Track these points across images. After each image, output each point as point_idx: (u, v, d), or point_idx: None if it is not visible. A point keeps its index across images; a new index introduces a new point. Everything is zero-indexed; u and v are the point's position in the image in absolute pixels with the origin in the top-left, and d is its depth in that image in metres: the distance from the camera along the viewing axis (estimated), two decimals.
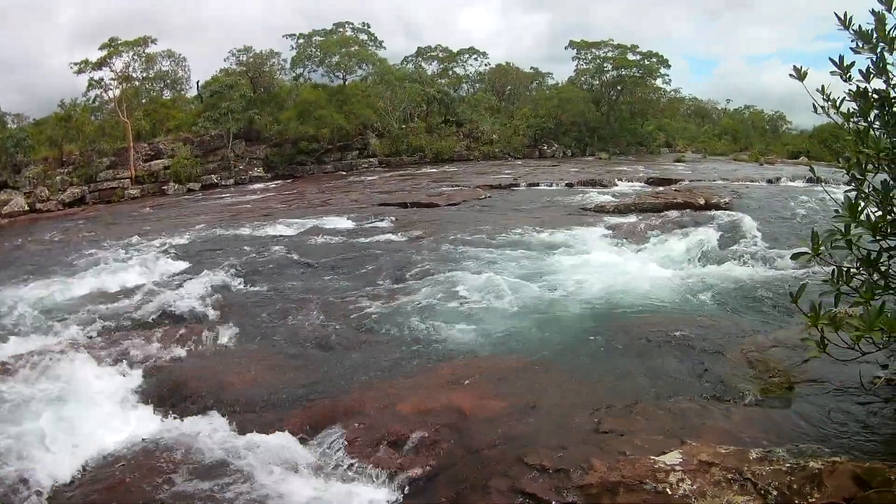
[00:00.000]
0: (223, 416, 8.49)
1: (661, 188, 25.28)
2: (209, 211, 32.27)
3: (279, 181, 46.83)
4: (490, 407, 7.53)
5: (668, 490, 5.14)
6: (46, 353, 11.53)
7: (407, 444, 7.00)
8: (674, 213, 18.52)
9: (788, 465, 5.18)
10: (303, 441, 7.51)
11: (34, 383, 10.37)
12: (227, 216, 28.84)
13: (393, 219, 22.38)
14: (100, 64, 50.23)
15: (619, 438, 6.12)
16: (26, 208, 44.94)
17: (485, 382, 8.22)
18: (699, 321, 9.70)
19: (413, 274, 14.04)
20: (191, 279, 15.95)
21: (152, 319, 13.12)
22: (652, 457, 5.55)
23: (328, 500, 6.37)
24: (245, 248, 19.52)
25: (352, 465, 6.84)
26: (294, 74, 59.10)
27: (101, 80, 51.27)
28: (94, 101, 54.02)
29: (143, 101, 57.50)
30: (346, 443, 7.19)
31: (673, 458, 5.50)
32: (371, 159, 50.66)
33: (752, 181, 27.18)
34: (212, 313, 13.11)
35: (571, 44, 62.28)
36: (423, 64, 69.17)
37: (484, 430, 7.05)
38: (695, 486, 5.10)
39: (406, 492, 6.38)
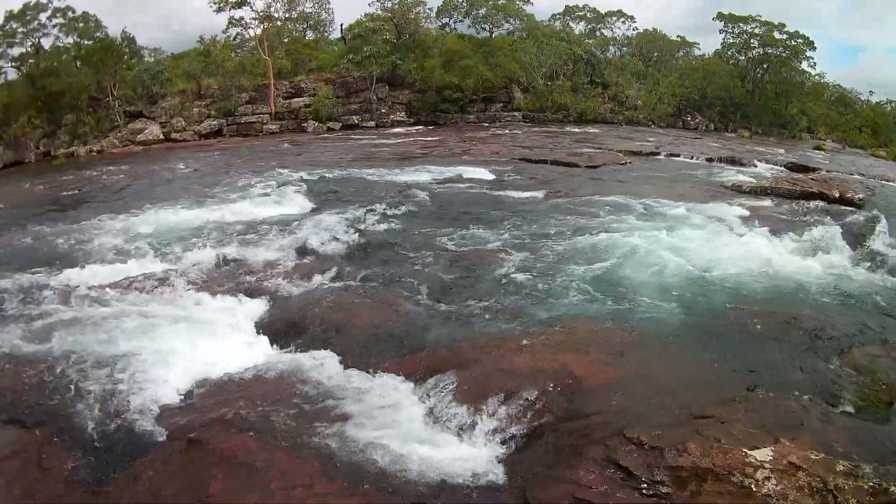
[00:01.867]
0: (338, 353, 8.72)
1: (798, 175, 23.99)
2: (347, 151, 32.49)
3: (420, 127, 46.93)
4: (602, 374, 7.61)
5: (752, 486, 5.17)
6: (171, 276, 12.01)
7: (515, 401, 7.08)
8: (808, 203, 17.84)
9: (872, 484, 5.10)
10: (415, 386, 7.71)
11: (159, 303, 10.82)
12: (365, 157, 29.04)
13: (532, 174, 22.09)
14: (239, 3, 50.97)
15: (718, 425, 6.10)
16: (161, 137, 46.41)
17: (601, 350, 8.27)
18: (816, 318, 9.38)
19: (546, 232, 13.91)
20: (322, 216, 16.02)
21: (279, 252, 13.27)
22: (745, 449, 5.56)
23: (430, 447, 6.52)
24: (380, 190, 19.54)
25: (458, 414, 6.98)
26: (439, 23, 58.87)
27: (241, 18, 52.27)
28: (234, 39, 55.40)
29: (285, 40, 58.40)
30: (456, 393, 7.34)
31: (764, 454, 5.49)
32: (515, 113, 49.98)
33: (889, 181, 25.38)
34: (340, 252, 13.28)
35: (719, 16, 59.43)
36: (570, 23, 68.01)
37: (591, 397, 7.15)
38: (779, 488, 5.11)
39: (506, 447, 6.51)
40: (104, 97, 48.78)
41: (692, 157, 28.25)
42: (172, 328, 9.71)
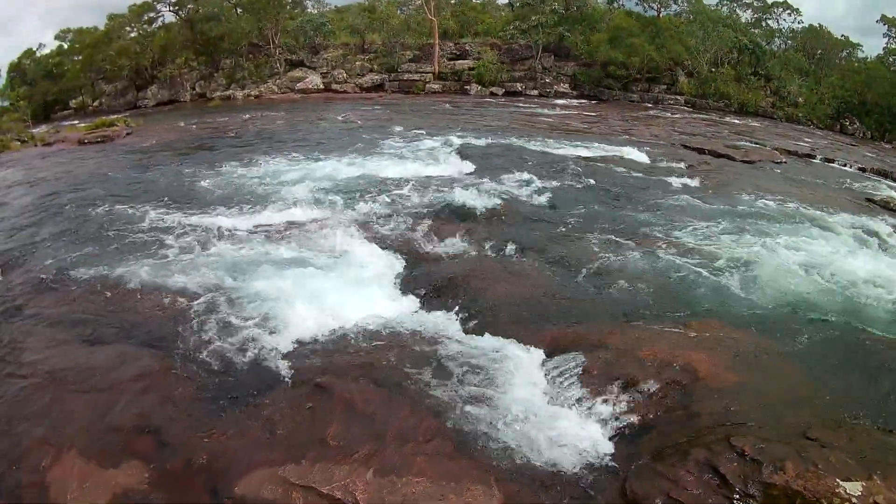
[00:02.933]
0: (471, 317, 9.10)
1: None
2: (508, 117, 32.56)
3: (583, 100, 46.51)
4: (721, 377, 7.62)
5: None
6: (321, 223, 12.71)
7: (635, 390, 7.31)
8: None
9: None
10: (543, 360, 7.95)
11: (304, 249, 11.47)
12: (525, 126, 29.05)
13: (688, 162, 21.84)
14: None
15: (819, 450, 6.06)
16: (321, 87, 48.18)
17: (725, 353, 8.24)
18: None
19: (693, 224, 13.78)
20: (475, 180, 16.35)
21: (430, 211, 13.66)
22: (838, 479, 5.54)
23: (547, 420, 6.78)
24: (536, 161, 19.67)
25: (579, 393, 7.25)
26: None
27: None
28: None
29: (452, 1, 58.77)
30: (581, 372, 7.59)
31: (854, 488, 5.46)
32: (677, 97, 49.05)
33: None
34: (490, 218, 13.45)
35: (883, 19, 56.32)
36: (737, 10, 66.24)
37: (707, 398, 7.21)
38: None
39: (616, 433, 6.73)
40: (264, 45, 51.11)
41: (846, 165, 27.16)
42: (313, 274, 10.30)
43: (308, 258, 11.02)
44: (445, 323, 8.93)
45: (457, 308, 9.39)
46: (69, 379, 8.14)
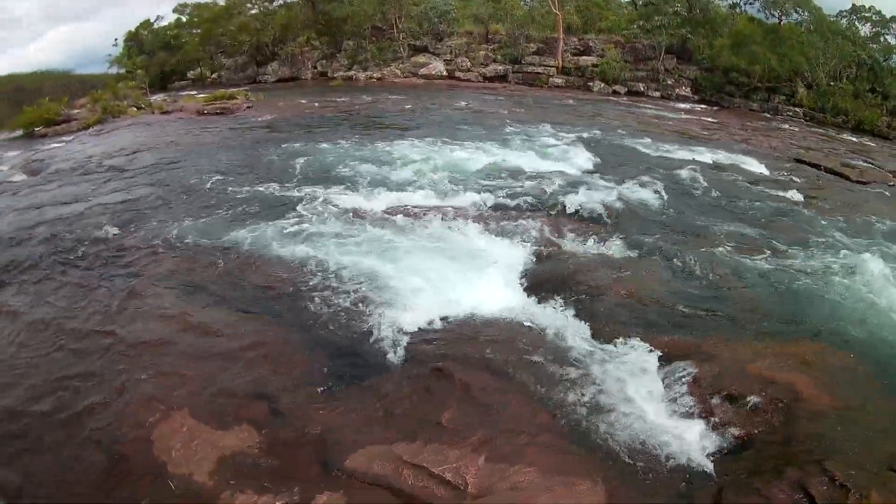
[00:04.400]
0: (587, 316, 9.33)
1: None
2: (630, 117, 32.59)
3: (704, 105, 45.95)
4: (821, 399, 7.72)
5: None
6: (442, 210, 13.09)
7: (739, 404, 7.55)
8: None
9: None
10: (657, 365, 8.18)
11: (425, 234, 11.88)
12: (647, 127, 29.21)
13: (804, 177, 21.54)
14: None
15: None
16: (444, 73, 48.74)
17: (829, 375, 8.29)
18: None
19: (811, 241, 13.55)
20: (598, 179, 16.59)
21: (551, 206, 13.97)
22: None
23: (658, 425, 7.10)
24: (656, 163, 19.92)
25: (688, 401, 7.54)
26: (730, 2, 56.83)
27: None
28: None
29: None
30: (691, 381, 7.84)
31: None
32: (796, 108, 47.46)
33: None
34: (609, 218, 13.63)
35: None
36: (856, 23, 64.92)
37: (806, 419, 7.35)
38: None
39: (716, 444, 6.96)
40: (388, 29, 51.77)
41: None
42: (434, 259, 10.63)
43: (429, 244, 11.38)
44: (562, 319, 9.15)
45: (574, 305, 9.63)
46: (184, 342, 8.63)
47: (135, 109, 35.95)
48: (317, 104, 33.10)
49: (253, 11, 58.02)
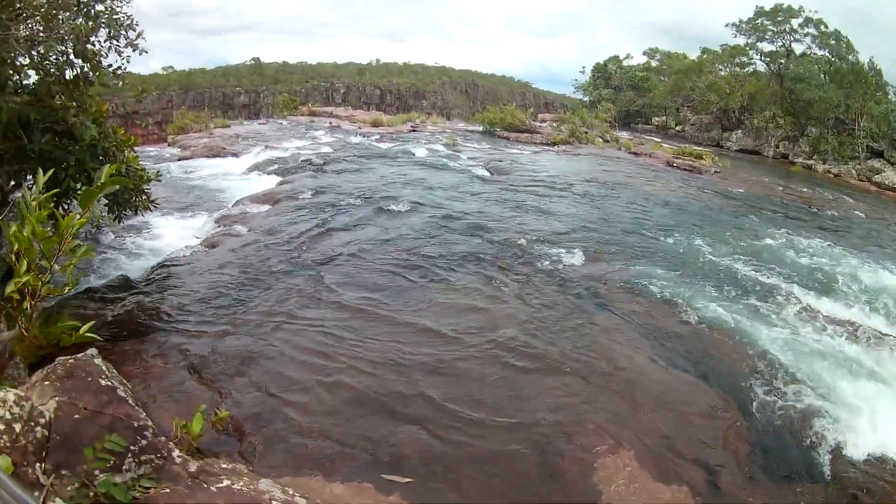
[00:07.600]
0: None
1: None
2: None
3: None
4: None
5: None
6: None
7: None
8: None
9: None
10: None
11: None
12: None
13: None
14: None
15: None
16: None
17: None
18: None
19: None
20: None
21: None
22: None
23: None
24: None
25: None
26: None
27: None
28: None
29: None
30: None
31: None
32: None
33: None
34: None
35: None
36: None
37: None
38: None
39: None
40: (849, 122, 49.50)
41: None
42: (879, 389, 9.85)
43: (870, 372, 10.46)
44: None
45: None
46: (641, 387, 8.89)
47: (600, 140, 38.49)
48: (780, 188, 31.66)
49: (723, 73, 59.24)
